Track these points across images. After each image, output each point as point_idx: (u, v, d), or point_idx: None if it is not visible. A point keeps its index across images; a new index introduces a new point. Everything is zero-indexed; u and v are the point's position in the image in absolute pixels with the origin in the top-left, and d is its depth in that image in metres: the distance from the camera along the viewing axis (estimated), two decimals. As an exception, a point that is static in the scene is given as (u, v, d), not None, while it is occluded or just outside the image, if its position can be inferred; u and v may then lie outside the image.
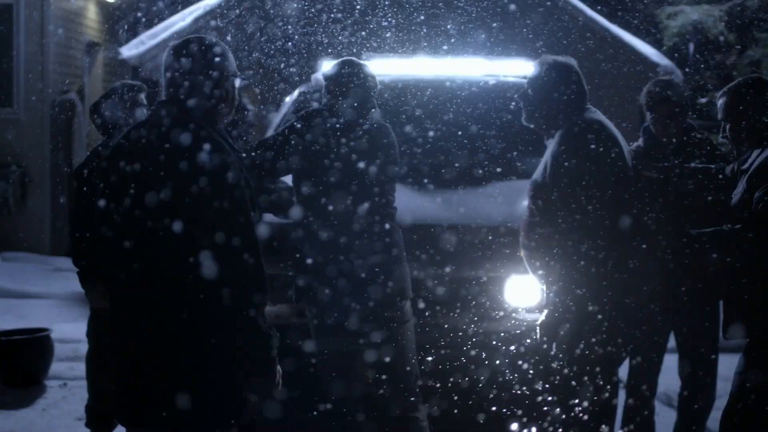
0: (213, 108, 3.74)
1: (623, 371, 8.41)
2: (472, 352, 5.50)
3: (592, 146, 4.70)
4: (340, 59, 5.48)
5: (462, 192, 6.04)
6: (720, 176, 5.21)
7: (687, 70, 17.88)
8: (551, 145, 4.83)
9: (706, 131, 6.27)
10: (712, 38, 16.68)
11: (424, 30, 14.28)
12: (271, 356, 3.65)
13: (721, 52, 17.77)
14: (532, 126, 5.05)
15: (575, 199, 4.66)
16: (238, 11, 16.09)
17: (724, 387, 7.98)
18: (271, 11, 15.74)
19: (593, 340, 4.75)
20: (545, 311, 4.81)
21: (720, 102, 4.83)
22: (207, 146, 3.56)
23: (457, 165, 6.36)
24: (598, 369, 4.79)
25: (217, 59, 3.74)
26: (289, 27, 15.54)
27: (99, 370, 5.83)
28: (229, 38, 15.14)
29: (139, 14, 17.98)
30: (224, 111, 3.80)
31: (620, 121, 11.49)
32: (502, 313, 5.54)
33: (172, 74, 3.72)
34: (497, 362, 5.50)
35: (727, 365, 8.28)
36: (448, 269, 5.52)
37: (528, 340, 5.42)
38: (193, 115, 3.66)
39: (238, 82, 3.85)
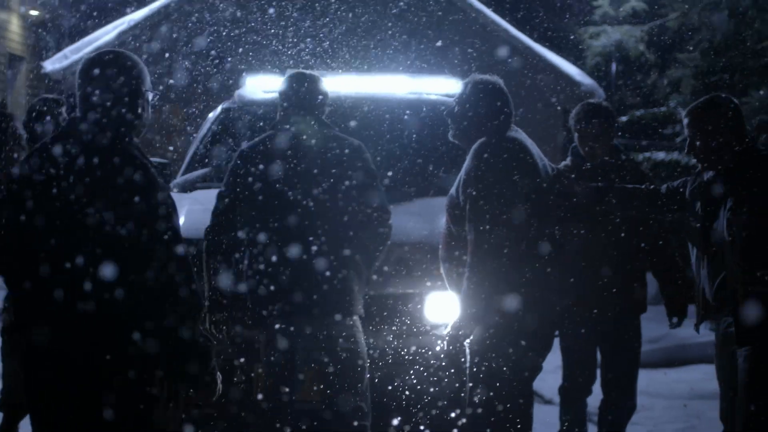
0: (127, 123, 3.71)
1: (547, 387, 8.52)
2: (393, 369, 5.51)
3: (502, 163, 4.82)
4: (294, 71, 5.46)
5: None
6: (660, 196, 5.29)
7: (609, 89, 18.14)
8: (466, 160, 4.93)
9: (633, 150, 6.55)
10: (633, 58, 16.90)
11: (348, 47, 14.32)
12: (210, 368, 3.65)
13: (642, 71, 18.03)
14: (457, 142, 5.17)
15: (483, 213, 4.75)
16: (163, 26, 16.01)
17: (641, 402, 8.12)
18: (197, 26, 15.68)
19: (500, 353, 4.84)
20: (451, 322, 4.90)
21: (686, 120, 4.91)
22: (123, 161, 3.54)
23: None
24: (507, 382, 4.87)
25: (130, 73, 3.70)
26: (215, 42, 15.49)
27: (8, 359, 5.73)
28: (154, 52, 15.04)
29: (63, 28, 17.80)
30: (138, 126, 3.77)
31: (543, 139, 11.64)
32: (422, 330, 5.56)
33: (85, 89, 3.68)
34: (417, 378, 5.53)
35: (645, 381, 8.44)
36: (369, 286, 5.52)
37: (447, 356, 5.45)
38: (107, 131, 3.63)
39: (151, 97, 3.82)
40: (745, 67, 13.61)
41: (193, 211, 5.98)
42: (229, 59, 14.95)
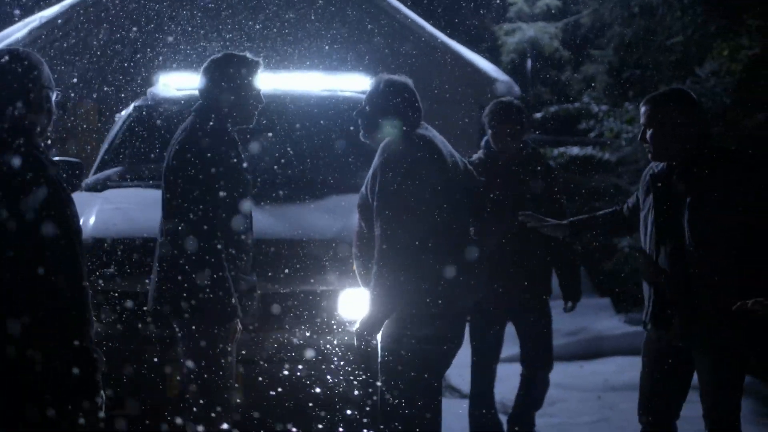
0: (27, 123, 3.64)
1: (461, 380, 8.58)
2: (306, 366, 5.50)
3: (408, 159, 4.86)
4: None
5: (296, 206, 6.05)
6: (626, 219, 5.37)
7: (524, 85, 18.29)
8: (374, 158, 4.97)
9: (548, 145, 6.99)
10: (548, 54, 17.08)
11: (263, 43, 14.27)
12: (96, 379, 3.60)
13: (557, 67, 18.22)
14: (368, 142, 5.19)
15: (389, 209, 4.80)
16: (76, 23, 15.79)
17: (556, 394, 8.22)
18: (111, 23, 15.49)
19: (408, 348, 4.88)
20: (360, 319, 4.92)
21: (643, 109, 4.93)
22: (23, 163, 3.49)
23: (290, 179, 6.37)
24: (416, 376, 4.91)
25: (27, 71, 3.62)
26: (130, 40, 15.33)
27: None
28: (68, 50, 14.85)
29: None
30: (41, 126, 3.71)
31: (458, 135, 11.70)
32: (335, 327, 5.56)
33: None
34: (331, 376, 5.53)
35: (561, 374, 8.51)
36: (281, 283, 5.51)
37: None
38: (5, 131, 3.57)
39: (54, 96, 3.75)
40: (657, 63, 13.82)
41: (104, 210, 5.93)
42: (145, 56, 14.80)
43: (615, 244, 13.19)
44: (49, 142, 3.89)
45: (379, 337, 5.01)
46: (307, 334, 5.52)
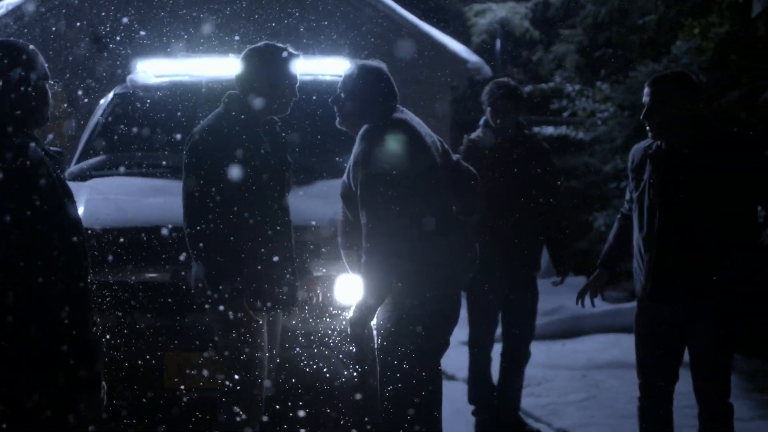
0: (25, 115, 3.63)
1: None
2: (302, 351, 5.49)
3: (388, 145, 4.90)
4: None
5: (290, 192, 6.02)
6: None
7: (495, 66, 18.32)
8: (354, 146, 4.98)
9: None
10: (518, 35, 17.13)
11: (237, 28, 14.20)
12: (98, 370, 3.60)
13: (527, 48, 18.27)
14: (345, 129, 5.21)
15: (374, 197, 4.81)
16: (43, 10, 15.63)
17: (542, 373, 8.25)
18: (79, 10, 15.35)
19: (407, 334, 4.90)
20: (353, 308, 4.94)
21: (647, 89, 5.05)
22: (22, 156, 3.47)
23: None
24: (416, 361, 4.93)
25: (24, 62, 3.62)
26: (98, 26, 15.20)
27: None
28: (35, 37, 14.70)
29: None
30: (39, 117, 3.69)
31: (431, 116, 11.69)
32: (332, 312, 5.54)
33: None
34: (327, 361, 5.52)
35: (545, 353, 8.50)
36: None
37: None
38: (3, 124, 3.55)
39: (48, 85, 3.74)
40: (628, 42, 13.86)
41: (92, 200, 5.88)
42: (120, 43, 14.67)
43: (590, 222, 13.25)
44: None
45: (373, 323, 5.03)
46: (304, 319, 5.51)
